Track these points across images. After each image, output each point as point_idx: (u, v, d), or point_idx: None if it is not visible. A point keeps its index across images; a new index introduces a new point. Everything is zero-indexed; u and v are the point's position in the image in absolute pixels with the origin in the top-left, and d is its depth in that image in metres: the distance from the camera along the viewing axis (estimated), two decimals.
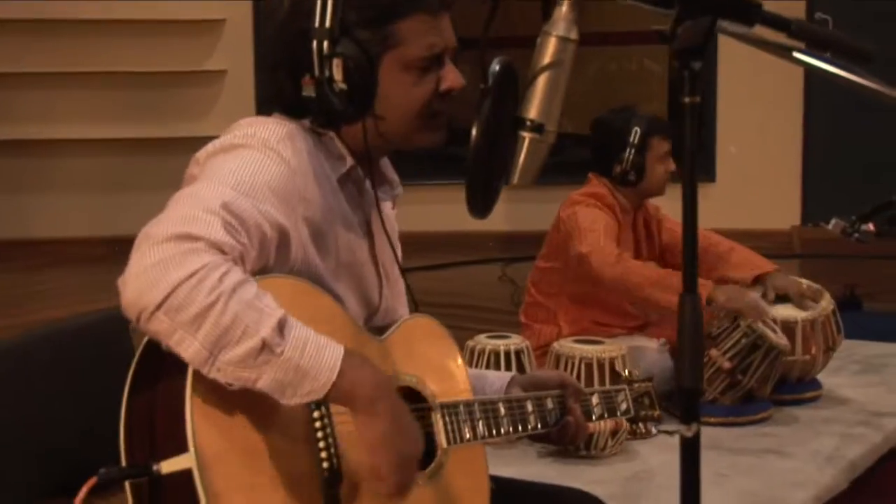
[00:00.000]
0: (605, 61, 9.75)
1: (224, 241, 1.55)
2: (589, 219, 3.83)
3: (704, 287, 3.64)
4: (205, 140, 1.79)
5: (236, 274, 1.54)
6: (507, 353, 3.50)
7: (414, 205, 7.54)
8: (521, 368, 3.48)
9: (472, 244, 7.88)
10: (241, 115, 1.89)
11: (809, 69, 1.57)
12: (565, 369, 3.40)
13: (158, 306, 1.50)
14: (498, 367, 3.46)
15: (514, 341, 3.57)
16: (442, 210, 7.87)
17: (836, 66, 1.56)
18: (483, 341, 3.55)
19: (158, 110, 7.96)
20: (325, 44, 1.74)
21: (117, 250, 1.52)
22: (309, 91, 1.77)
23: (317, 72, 1.75)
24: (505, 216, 7.59)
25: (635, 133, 3.89)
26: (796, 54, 1.57)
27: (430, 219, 7.79)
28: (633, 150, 3.89)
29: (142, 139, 7.87)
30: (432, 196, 7.88)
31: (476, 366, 3.47)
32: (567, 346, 3.49)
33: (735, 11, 1.42)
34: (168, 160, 6.84)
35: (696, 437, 1.44)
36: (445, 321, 1.98)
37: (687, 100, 1.40)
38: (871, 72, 1.53)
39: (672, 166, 3.97)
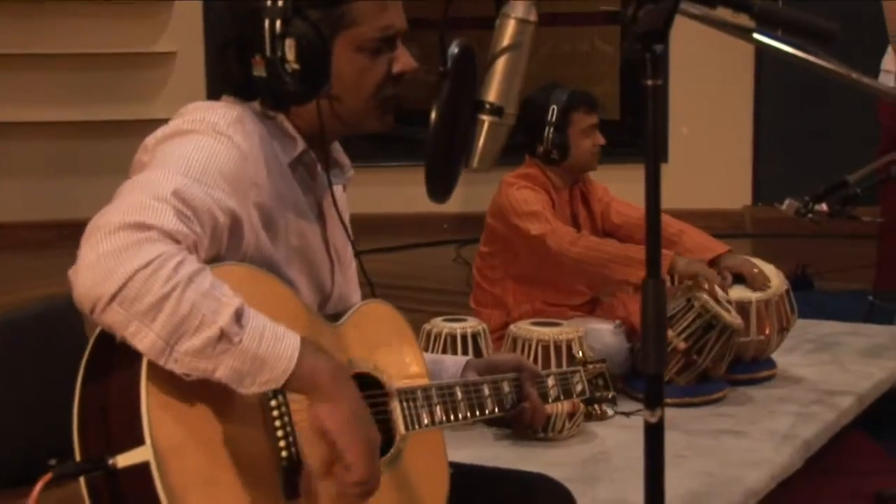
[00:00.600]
0: (557, 42, 9.75)
1: (177, 229, 1.53)
2: (524, 200, 3.83)
3: (665, 257, 3.65)
4: (155, 123, 1.77)
5: (192, 263, 1.52)
6: (464, 336, 3.49)
7: (367, 186, 7.54)
8: (477, 351, 3.47)
9: (426, 226, 7.88)
10: (192, 98, 1.86)
11: (768, 50, 1.57)
12: (522, 352, 3.39)
13: (113, 297, 1.47)
14: (455, 351, 3.45)
15: (471, 324, 3.56)
16: (395, 192, 7.86)
17: (794, 46, 1.56)
18: (439, 324, 3.54)
19: (107, 93, 7.87)
20: (278, 23, 1.71)
21: (65, 234, 1.50)
22: (260, 71, 1.74)
23: (268, 52, 1.72)
24: (459, 198, 7.55)
25: (552, 111, 3.87)
26: (756, 35, 1.57)
27: (383, 201, 7.77)
28: (551, 129, 3.87)
29: (90, 122, 7.78)
30: (386, 178, 7.86)
31: (433, 349, 3.45)
32: (524, 328, 3.48)
33: None
34: (117, 143, 6.77)
35: (660, 422, 1.44)
36: (400, 303, 1.97)
37: (650, 82, 1.39)
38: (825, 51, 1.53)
39: (600, 140, 3.94)
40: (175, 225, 1.53)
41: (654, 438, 1.45)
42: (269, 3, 1.72)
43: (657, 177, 1.41)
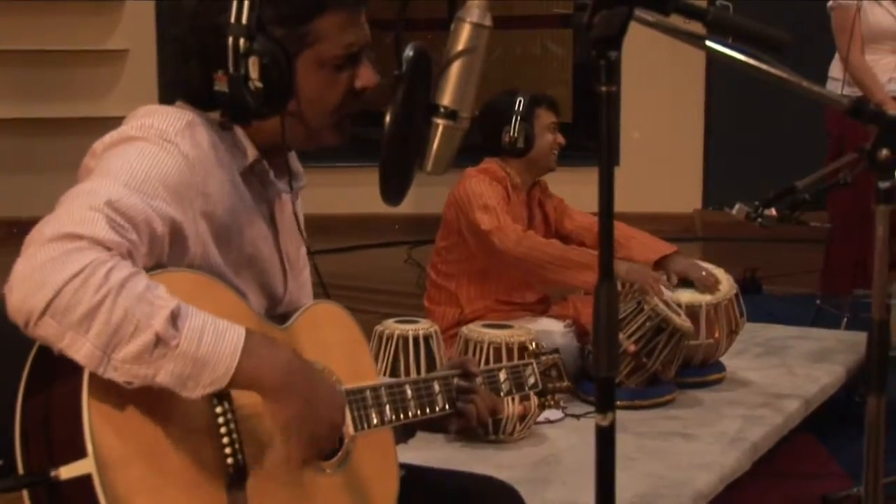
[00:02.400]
0: (510, 45, 9.78)
1: (108, 237, 1.50)
2: (481, 193, 3.85)
3: None
4: (107, 120, 1.75)
5: (123, 269, 1.49)
6: (416, 338, 3.49)
7: (320, 187, 7.48)
8: (430, 353, 3.47)
9: (378, 227, 7.88)
10: (143, 96, 1.86)
11: (720, 57, 1.58)
12: (474, 354, 3.40)
13: (44, 310, 1.45)
14: (407, 352, 3.44)
15: (423, 326, 3.56)
16: (347, 192, 7.85)
17: (745, 54, 1.58)
18: (391, 326, 3.54)
19: (59, 90, 7.80)
20: (242, 41, 1.69)
21: (16, 232, 1.47)
22: (222, 86, 1.72)
23: (231, 69, 1.70)
24: (411, 199, 7.53)
25: (520, 102, 3.92)
26: (708, 43, 1.59)
27: (335, 201, 7.76)
28: (518, 118, 3.91)
29: (41, 119, 7.71)
30: (338, 178, 7.85)
31: (385, 351, 3.45)
32: (476, 330, 3.49)
33: (651, 1, 1.42)
34: (69, 140, 6.71)
35: (612, 425, 1.45)
36: (351, 305, 1.97)
37: (604, 88, 1.40)
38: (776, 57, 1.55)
39: (560, 139, 4.01)
40: (106, 234, 1.51)
41: (605, 442, 1.45)
42: (233, 19, 1.69)
43: (610, 182, 1.42)
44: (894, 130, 1.58)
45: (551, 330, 3.87)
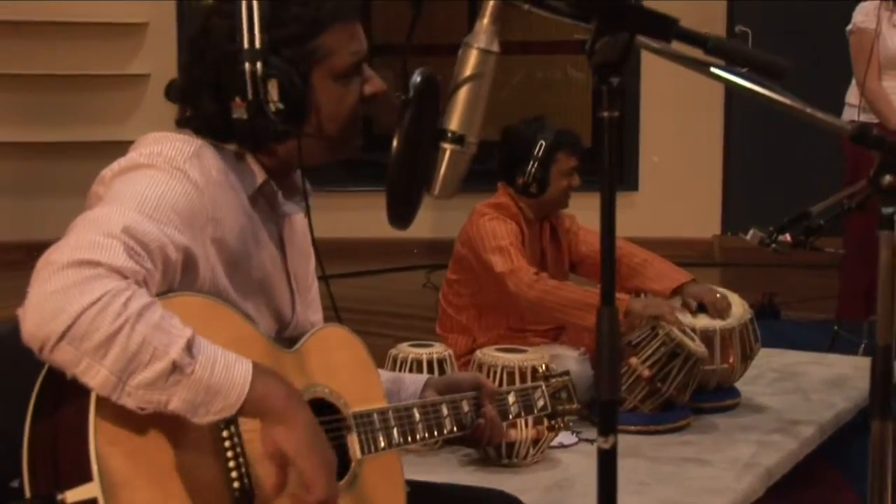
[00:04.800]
0: (531, 70, 9.80)
1: (125, 265, 1.52)
2: (494, 233, 3.84)
3: (622, 301, 3.69)
4: (128, 144, 1.77)
5: (141, 297, 1.51)
6: (430, 362, 3.50)
7: (339, 211, 7.57)
8: None
9: (397, 251, 7.88)
10: (165, 120, 1.87)
11: (726, 84, 1.60)
12: (488, 378, 3.40)
13: (61, 336, 1.47)
14: None
15: (437, 349, 3.57)
16: (366, 216, 7.85)
17: (752, 81, 1.59)
18: (405, 350, 3.55)
19: (81, 114, 7.86)
20: (258, 65, 1.72)
21: (35, 255, 1.49)
22: (240, 113, 1.74)
23: (250, 94, 1.72)
24: (430, 223, 7.60)
25: (540, 146, 3.88)
26: (713, 69, 1.60)
27: (354, 225, 7.78)
28: (536, 163, 3.88)
29: (63, 143, 7.77)
30: (356, 202, 7.87)
31: None
32: (490, 354, 3.50)
33: (652, 28, 1.44)
34: (90, 164, 6.67)
35: (614, 448, 1.46)
36: (369, 329, 1.99)
37: (605, 114, 1.41)
38: (788, 83, 1.56)
39: (577, 182, 3.96)
40: (124, 261, 1.52)
41: (607, 464, 1.46)
42: (246, 45, 1.72)
43: (612, 207, 1.43)
44: None
45: (566, 355, 3.87)
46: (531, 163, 3.88)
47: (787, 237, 3.61)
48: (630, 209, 7.98)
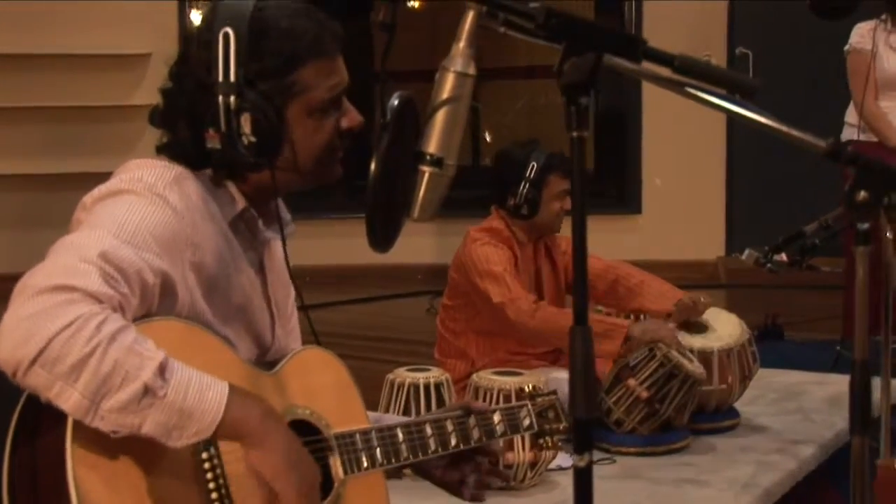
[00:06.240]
0: (534, 95, 9.83)
1: (101, 290, 1.54)
2: (487, 259, 3.84)
3: (621, 328, 3.69)
4: None
5: (114, 321, 1.52)
6: (427, 386, 3.50)
7: (343, 238, 7.56)
8: (440, 401, 3.48)
9: (401, 277, 7.89)
10: None
11: (701, 103, 1.61)
12: (484, 402, 3.40)
13: (34, 360, 1.48)
14: (418, 400, 3.46)
15: (434, 374, 3.57)
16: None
17: (728, 100, 1.60)
18: (402, 374, 3.55)
19: (84, 145, 7.90)
20: (232, 98, 1.73)
21: None
22: (214, 143, 1.76)
23: (223, 126, 1.74)
24: (433, 249, 7.61)
25: (532, 168, 3.89)
26: (689, 89, 1.61)
27: (358, 252, 7.75)
28: (528, 185, 3.89)
29: (66, 174, 7.79)
30: (360, 229, 7.85)
31: (396, 399, 3.46)
32: (486, 378, 3.50)
33: (619, 47, 1.45)
34: None
35: (589, 467, 1.46)
36: (372, 355, 1.99)
37: (574, 134, 1.43)
38: (787, 103, 1.57)
39: (568, 205, 3.97)
40: (99, 286, 1.54)
41: (583, 482, 1.47)
42: (220, 78, 1.74)
43: (583, 229, 1.46)
44: (871, 173, 1.59)
45: (563, 378, 3.86)
46: (523, 184, 3.88)
47: (784, 256, 3.61)
48: (634, 232, 7.99)
